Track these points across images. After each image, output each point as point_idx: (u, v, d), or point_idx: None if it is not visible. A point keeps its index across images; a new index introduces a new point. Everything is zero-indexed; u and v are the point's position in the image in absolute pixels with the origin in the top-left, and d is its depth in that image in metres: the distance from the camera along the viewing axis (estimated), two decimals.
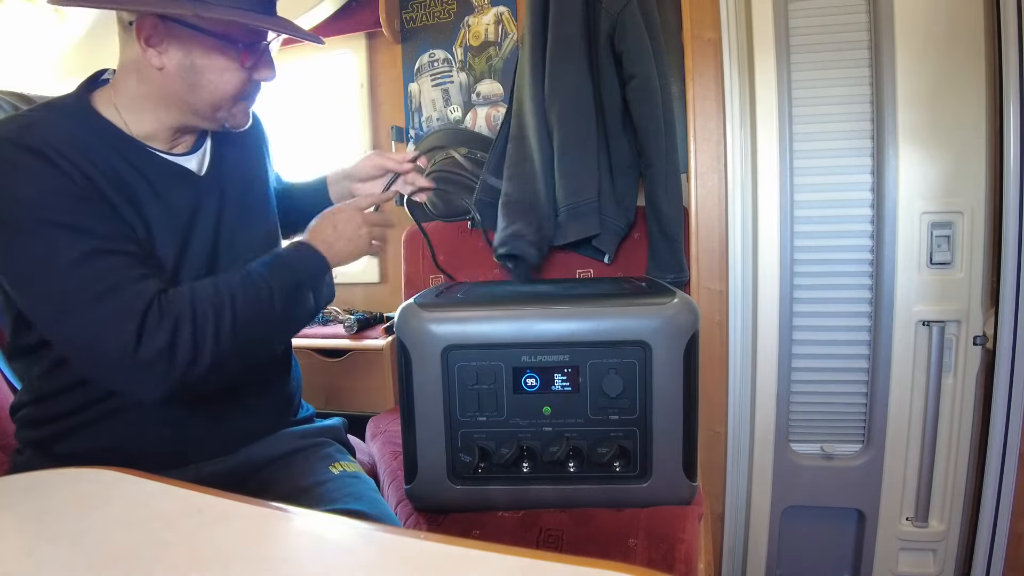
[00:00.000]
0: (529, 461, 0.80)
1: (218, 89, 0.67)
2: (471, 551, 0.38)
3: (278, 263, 0.70)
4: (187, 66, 0.65)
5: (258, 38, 0.68)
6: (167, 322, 0.59)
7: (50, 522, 0.45)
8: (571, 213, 1.28)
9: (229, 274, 0.67)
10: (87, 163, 0.62)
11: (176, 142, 0.73)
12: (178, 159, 0.72)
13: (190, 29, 0.63)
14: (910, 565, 1.21)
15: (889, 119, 1.11)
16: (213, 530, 0.43)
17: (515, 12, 1.59)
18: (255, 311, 0.65)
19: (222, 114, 0.71)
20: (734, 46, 1.19)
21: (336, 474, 0.77)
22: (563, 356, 0.78)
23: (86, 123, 0.66)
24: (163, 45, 0.64)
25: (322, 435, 0.86)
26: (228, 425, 0.77)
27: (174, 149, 0.73)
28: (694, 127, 1.24)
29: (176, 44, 0.64)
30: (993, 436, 1.08)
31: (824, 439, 1.24)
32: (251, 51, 0.68)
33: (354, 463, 0.83)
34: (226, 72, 0.67)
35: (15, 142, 0.59)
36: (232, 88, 0.68)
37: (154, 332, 0.58)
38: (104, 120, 0.67)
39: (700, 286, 1.25)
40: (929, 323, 1.13)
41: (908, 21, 1.10)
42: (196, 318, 0.61)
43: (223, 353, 0.63)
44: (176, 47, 0.64)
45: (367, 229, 0.78)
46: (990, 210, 1.10)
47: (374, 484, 0.80)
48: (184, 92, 0.67)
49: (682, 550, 0.74)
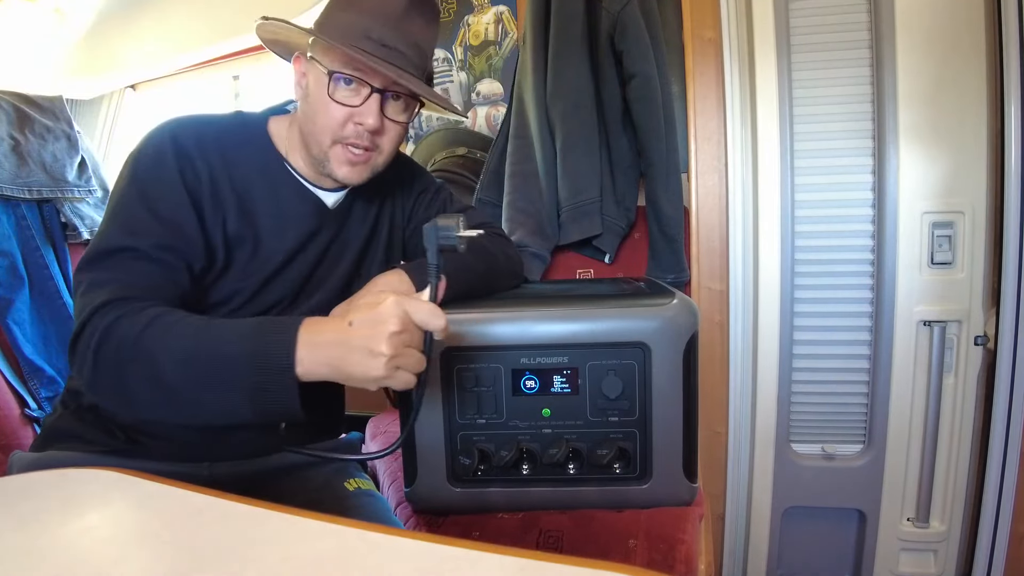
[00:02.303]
0: (529, 463, 0.80)
1: (316, 120, 0.69)
2: (471, 552, 0.38)
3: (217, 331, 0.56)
4: (307, 95, 0.71)
5: (364, 78, 0.67)
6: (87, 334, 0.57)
7: (50, 522, 0.45)
8: (573, 213, 1.28)
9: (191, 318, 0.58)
10: (224, 169, 0.70)
11: (321, 180, 0.76)
12: (317, 190, 0.76)
13: (314, 61, 0.69)
14: (911, 565, 1.21)
15: (890, 118, 1.11)
16: (213, 530, 0.43)
17: (515, 11, 1.59)
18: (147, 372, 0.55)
19: (321, 153, 0.70)
20: (734, 45, 1.18)
21: (351, 491, 0.78)
22: (562, 358, 0.77)
23: (252, 138, 0.74)
24: (305, 79, 0.71)
25: (338, 450, 0.86)
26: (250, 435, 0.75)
27: (320, 183, 0.77)
28: (694, 126, 1.23)
29: (309, 78, 0.71)
30: (994, 436, 1.08)
31: (825, 439, 1.23)
32: (356, 92, 0.68)
33: (368, 481, 0.83)
34: (325, 106, 0.68)
35: (173, 131, 0.68)
36: (327, 122, 0.68)
37: (81, 336, 0.58)
38: (268, 140, 0.75)
39: (700, 286, 1.25)
40: (930, 323, 1.13)
41: (909, 20, 1.09)
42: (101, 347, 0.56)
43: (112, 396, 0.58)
44: (308, 80, 0.71)
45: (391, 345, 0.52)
46: (991, 210, 1.10)
47: (387, 503, 0.80)
48: (304, 123, 0.72)
49: (682, 551, 0.74)
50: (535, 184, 1.32)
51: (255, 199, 0.72)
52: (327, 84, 0.67)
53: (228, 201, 0.70)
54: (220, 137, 0.71)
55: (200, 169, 0.68)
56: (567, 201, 1.28)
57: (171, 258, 0.64)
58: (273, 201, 0.73)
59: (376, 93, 0.68)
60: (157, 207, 0.65)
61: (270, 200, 0.73)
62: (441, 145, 1.64)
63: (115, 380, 0.56)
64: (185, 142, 0.68)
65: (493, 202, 1.41)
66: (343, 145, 0.70)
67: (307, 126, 0.71)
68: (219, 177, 0.69)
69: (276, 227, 0.73)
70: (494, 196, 1.41)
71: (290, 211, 0.74)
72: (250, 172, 0.72)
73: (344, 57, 0.66)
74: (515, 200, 1.33)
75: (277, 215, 0.73)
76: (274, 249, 0.73)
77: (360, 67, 0.67)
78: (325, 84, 0.67)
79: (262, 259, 0.72)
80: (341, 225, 0.79)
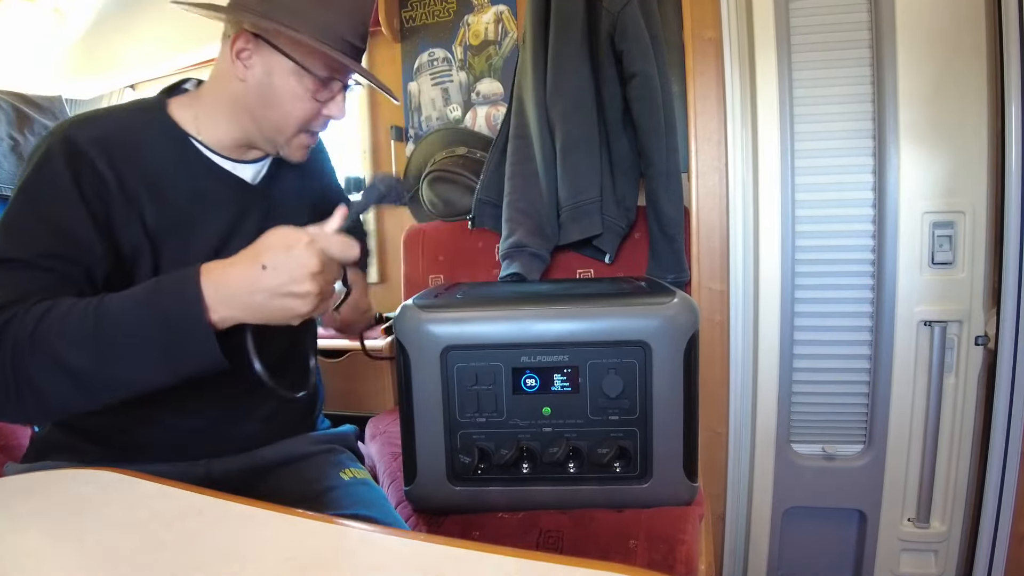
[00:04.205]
0: (529, 462, 0.80)
1: (286, 112, 0.69)
2: (471, 552, 0.38)
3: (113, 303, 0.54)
4: (265, 83, 0.69)
5: (334, 75, 0.70)
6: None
7: (50, 522, 0.45)
8: (573, 213, 1.28)
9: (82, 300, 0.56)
10: (131, 162, 0.66)
11: (243, 153, 0.75)
12: (234, 166, 0.75)
13: (275, 50, 0.67)
14: (911, 566, 1.21)
15: (890, 118, 1.11)
16: (213, 530, 0.43)
17: (515, 11, 1.59)
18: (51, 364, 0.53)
19: (281, 140, 0.72)
20: (735, 45, 1.18)
21: (347, 480, 0.77)
22: (563, 356, 0.77)
23: (153, 125, 0.70)
24: (251, 60, 0.68)
25: (334, 442, 0.86)
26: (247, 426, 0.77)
27: (242, 158, 0.75)
28: (695, 127, 1.23)
29: (261, 60, 0.68)
30: (995, 436, 1.08)
31: (825, 440, 1.23)
32: (326, 86, 0.70)
33: (364, 471, 0.83)
34: (297, 99, 0.69)
35: (67, 134, 0.64)
36: (298, 115, 0.70)
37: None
38: (172, 123, 0.71)
39: (701, 286, 1.25)
40: (931, 323, 1.13)
41: (909, 20, 1.09)
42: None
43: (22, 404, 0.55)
44: (260, 63, 0.68)
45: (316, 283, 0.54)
46: (992, 210, 1.09)
47: (383, 492, 0.80)
48: (256, 106, 0.70)
49: (683, 551, 0.74)
50: (535, 184, 1.32)
51: (171, 187, 0.69)
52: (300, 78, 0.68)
53: (141, 195, 0.66)
54: (120, 129, 0.68)
55: (102, 168, 0.64)
56: (567, 201, 1.28)
57: (62, 266, 0.60)
58: (190, 186, 0.70)
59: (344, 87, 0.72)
60: (46, 214, 0.61)
61: (187, 185, 0.70)
62: (441, 145, 1.64)
63: (20, 384, 0.53)
64: (81, 143, 0.64)
65: (493, 202, 1.41)
66: (307, 133, 0.73)
67: (265, 112, 0.70)
68: (126, 172, 0.66)
69: (200, 211, 0.71)
70: (494, 196, 1.41)
71: (211, 193, 0.72)
72: (160, 160, 0.69)
73: (326, 59, 0.68)
74: (515, 200, 1.33)
75: (198, 199, 0.71)
76: (204, 234, 0.71)
77: (338, 67, 0.69)
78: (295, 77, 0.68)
79: (194, 246, 0.70)
80: (271, 199, 0.78)
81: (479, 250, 1.47)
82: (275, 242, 0.54)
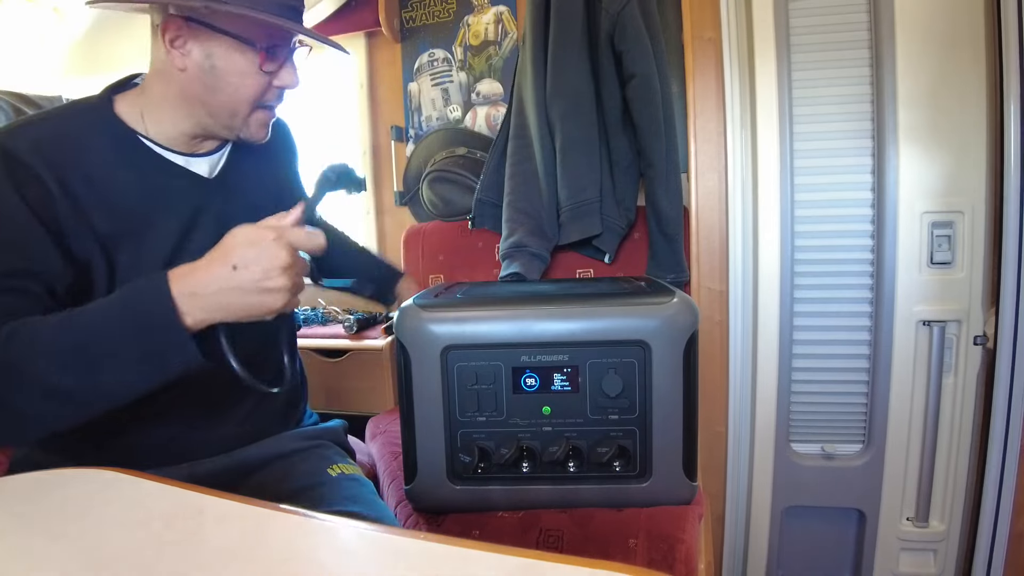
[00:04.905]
0: (529, 461, 0.80)
1: (236, 92, 0.66)
2: (471, 551, 0.38)
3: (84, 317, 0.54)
4: (207, 68, 0.65)
5: (277, 41, 0.67)
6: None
7: (50, 522, 0.45)
8: (573, 213, 1.28)
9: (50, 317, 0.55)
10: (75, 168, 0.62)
11: (196, 146, 0.73)
12: (188, 160, 0.72)
13: (210, 29, 0.63)
14: (911, 565, 1.21)
15: (889, 118, 1.11)
16: (213, 530, 0.43)
17: (515, 11, 1.59)
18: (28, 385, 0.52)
19: (238, 121, 0.69)
20: (734, 46, 1.18)
21: (334, 476, 0.77)
22: (562, 356, 0.77)
23: (97, 124, 0.67)
24: (186, 47, 0.64)
25: (321, 437, 0.86)
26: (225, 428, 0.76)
27: (195, 151, 0.72)
28: (694, 127, 1.23)
29: (197, 45, 0.64)
30: (994, 436, 1.08)
31: (825, 439, 1.23)
32: (271, 55, 0.66)
33: (353, 465, 0.83)
34: (245, 76, 0.66)
35: (2, 145, 0.60)
36: (250, 92, 0.67)
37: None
38: (119, 122, 0.68)
39: (700, 286, 1.25)
40: (930, 323, 1.13)
41: (908, 20, 1.09)
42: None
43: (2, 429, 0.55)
44: (197, 48, 0.64)
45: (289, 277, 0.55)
46: (991, 209, 1.10)
47: (373, 487, 0.79)
48: (203, 94, 0.66)
49: (682, 550, 0.74)
50: (535, 184, 1.32)
51: (120, 189, 0.65)
52: (243, 54, 0.65)
53: (90, 201, 0.63)
54: (60, 133, 0.64)
55: (46, 178, 0.60)
56: (567, 201, 1.28)
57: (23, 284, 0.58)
58: (141, 186, 0.67)
59: (291, 53, 0.68)
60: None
61: (138, 185, 0.67)
62: (441, 145, 1.64)
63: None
64: (19, 154, 0.60)
65: (493, 202, 1.42)
66: (263, 109, 0.70)
67: (214, 97, 0.66)
68: (71, 179, 0.62)
69: (155, 210, 0.67)
70: (494, 196, 1.41)
71: (164, 191, 0.68)
72: (107, 162, 0.65)
73: (265, 27, 0.64)
74: (515, 200, 1.33)
75: (150, 199, 0.67)
76: (160, 234, 0.68)
77: (280, 33, 0.66)
78: (238, 54, 0.65)
79: (150, 249, 0.67)
80: (230, 192, 0.75)
81: (479, 250, 1.47)
82: (242, 240, 0.54)
